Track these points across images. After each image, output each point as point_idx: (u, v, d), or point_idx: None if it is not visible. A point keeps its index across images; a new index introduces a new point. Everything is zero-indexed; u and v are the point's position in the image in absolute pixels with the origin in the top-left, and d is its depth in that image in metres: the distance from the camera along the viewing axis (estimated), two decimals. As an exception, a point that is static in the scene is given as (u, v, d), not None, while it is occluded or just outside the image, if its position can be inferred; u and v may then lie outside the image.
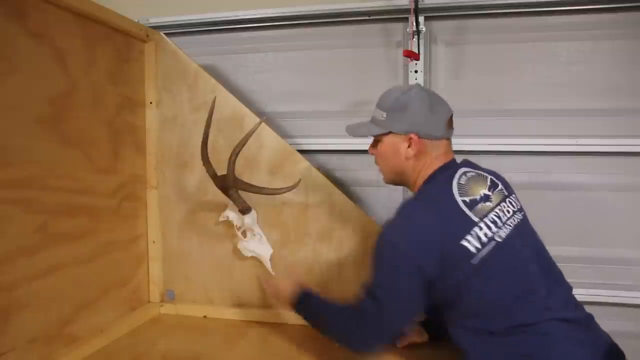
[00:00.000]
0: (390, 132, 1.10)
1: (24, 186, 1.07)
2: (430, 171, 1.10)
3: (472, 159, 1.58)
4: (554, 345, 0.96)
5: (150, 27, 1.52)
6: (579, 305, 1.06)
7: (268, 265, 1.43)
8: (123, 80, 1.41)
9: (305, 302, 1.17)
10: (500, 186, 1.14)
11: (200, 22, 1.74)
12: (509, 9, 1.53)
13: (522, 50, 1.56)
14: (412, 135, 1.07)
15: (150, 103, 1.52)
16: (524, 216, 1.13)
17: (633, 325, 1.53)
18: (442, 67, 1.61)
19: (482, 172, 1.14)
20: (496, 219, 1.04)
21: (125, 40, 1.41)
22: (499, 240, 1.01)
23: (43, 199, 1.12)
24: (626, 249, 1.53)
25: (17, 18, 1.04)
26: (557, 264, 1.10)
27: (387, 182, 1.20)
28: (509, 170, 1.58)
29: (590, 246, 1.55)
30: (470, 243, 0.98)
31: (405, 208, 1.06)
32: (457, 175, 1.08)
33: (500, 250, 1.00)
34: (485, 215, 1.03)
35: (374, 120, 1.15)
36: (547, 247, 1.06)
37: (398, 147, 1.10)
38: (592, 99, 1.52)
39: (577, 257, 1.55)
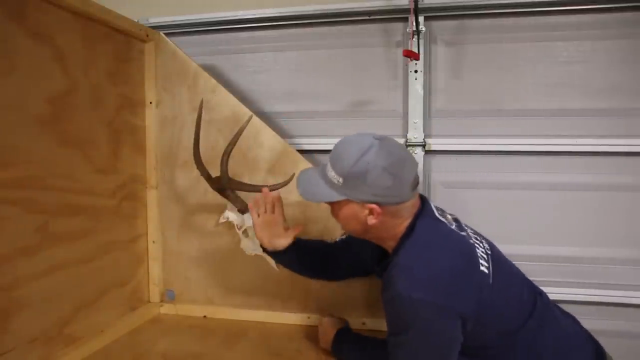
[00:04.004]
0: (347, 199, 0.97)
1: (24, 186, 1.07)
2: (406, 223, 0.99)
3: (472, 159, 1.60)
4: (563, 320, 1.03)
5: (150, 27, 1.52)
6: None
7: (272, 262, 1.43)
8: (123, 80, 1.41)
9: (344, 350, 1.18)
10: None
11: (200, 22, 1.74)
12: (509, 8, 1.53)
13: (521, 50, 1.56)
14: (373, 206, 0.95)
15: (150, 103, 1.52)
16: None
17: (632, 326, 1.53)
18: (442, 67, 1.61)
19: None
20: (473, 234, 1.03)
21: (125, 40, 1.41)
22: (489, 252, 1.00)
23: (43, 199, 1.12)
24: (625, 249, 1.53)
25: (17, 18, 1.04)
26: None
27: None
28: (509, 170, 1.59)
29: (590, 246, 1.55)
30: (483, 265, 0.94)
31: (414, 256, 0.94)
32: (433, 207, 1.03)
33: (494, 261, 0.98)
34: (470, 235, 1.01)
35: (328, 181, 0.98)
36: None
37: (357, 214, 0.97)
38: (592, 98, 1.52)
39: (576, 257, 1.55)
